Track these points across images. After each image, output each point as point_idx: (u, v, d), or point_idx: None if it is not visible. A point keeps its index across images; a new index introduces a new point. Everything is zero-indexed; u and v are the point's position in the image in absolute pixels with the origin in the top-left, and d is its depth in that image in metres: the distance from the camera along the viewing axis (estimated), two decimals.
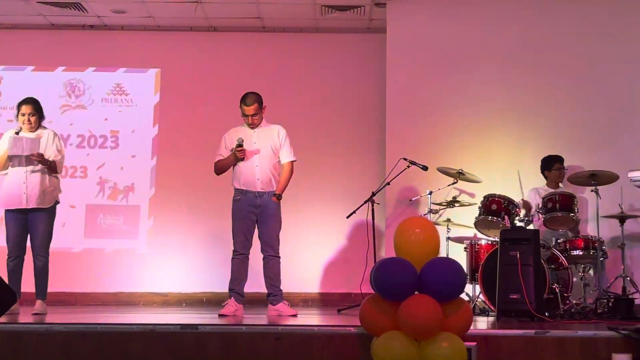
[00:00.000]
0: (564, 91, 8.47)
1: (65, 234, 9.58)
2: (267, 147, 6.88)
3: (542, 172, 8.01)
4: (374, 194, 7.69)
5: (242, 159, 6.77)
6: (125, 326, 5.22)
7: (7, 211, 6.88)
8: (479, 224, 7.55)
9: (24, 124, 6.88)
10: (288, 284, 7.15)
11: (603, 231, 7.56)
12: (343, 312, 7.38)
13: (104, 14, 9.90)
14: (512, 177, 8.30)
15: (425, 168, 7.84)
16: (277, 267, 6.82)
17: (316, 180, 9.54)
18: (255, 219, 6.82)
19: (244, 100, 6.89)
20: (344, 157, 9.98)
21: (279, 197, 6.87)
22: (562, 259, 7.11)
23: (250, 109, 6.85)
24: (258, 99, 6.91)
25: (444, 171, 7.87)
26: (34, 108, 6.94)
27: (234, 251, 6.80)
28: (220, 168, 6.97)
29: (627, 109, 8.18)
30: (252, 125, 6.91)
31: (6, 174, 6.89)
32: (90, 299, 9.54)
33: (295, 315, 6.65)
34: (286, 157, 6.96)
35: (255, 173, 6.82)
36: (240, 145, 6.74)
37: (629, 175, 6.64)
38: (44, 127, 7.05)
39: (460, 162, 8.14)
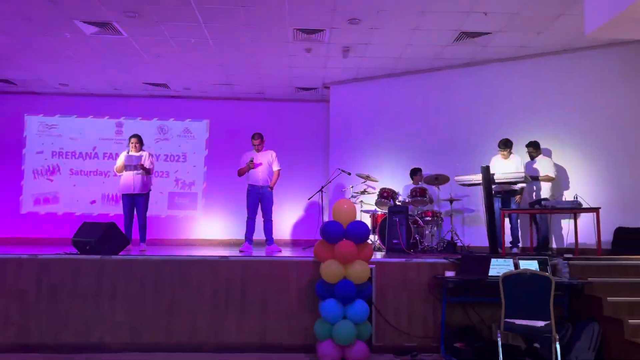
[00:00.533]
0: (424, 132, 8.50)
1: (157, 207, 9.53)
2: (265, 162, 6.82)
3: (411, 177, 8.01)
4: (322, 187, 7.69)
5: (253, 168, 6.72)
6: (188, 257, 5.22)
7: (123, 195, 6.70)
8: (377, 204, 7.56)
9: (132, 148, 6.75)
10: (276, 234, 7.12)
11: (442, 207, 7.68)
12: (306, 249, 7.33)
13: (179, 89, 9.75)
14: (395, 179, 8.30)
15: (349, 173, 7.85)
16: (271, 225, 6.78)
17: (292, 180, 9.53)
18: (259, 199, 6.75)
19: (253, 136, 6.87)
20: (306, 167, 9.93)
21: (271, 188, 6.82)
22: (420, 221, 7.18)
23: (256, 142, 6.82)
24: (261, 135, 6.89)
25: (359, 175, 7.84)
26: (138, 139, 6.82)
27: (247, 216, 6.73)
28: (241, 173, 6.86)
29: (452, 140, 8.27)
30: (258, 150, 6.85)
31: (122, 174, 6.73)
32: (170, 242, 9.44)
33: (280, 251, 6.64)
34: (276, 167, 6.89)
35: (259, 175, 6.75)
36: (252, 161, 6.70)
37: (455, 179, 6.72)
38: (144, 150, 6.89)
39: (368, 170, 8.18)
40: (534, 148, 7.23)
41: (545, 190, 7.05)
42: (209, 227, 9.82)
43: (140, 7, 6.22)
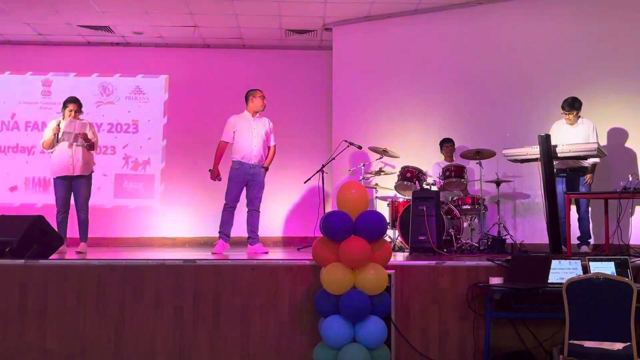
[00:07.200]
0: (459, 90, 8.48)
1: (100, 194, 9.53)
2: (263, 132, 6.78)
3: (441, 150, 8.08)
4: (323, 166, 7.66)
5: (218, 180, 6.69)
6: (142, 261, 5.19)
7: (57, 178, 6.50)
8: (397, 187, 7.61)
9: (70, 116, 6.53)
10: (262, 230, 7.11)
11: (484, 191, 7.68)
12: (301, 250, 7.37)
13: (126, 34, 9.72)
14: (422, 154, 8.32)
15: (359, 147, 7.80)
16: (257, 218, 6.74)
17: (282, 157, 9.43)
18: (247, 183, 6.66)
19: (253, 92, 6.84)
20: (302, 140, 9.94)
21: (266, 169, 6.81)
22: (456, 211, 7.24)
23: (258, 100, 6.78)
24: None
25: (373, 149, 7.87)
26: (79, 106, 6.63)
27: (226, 204, 6.62)
28: (222, 149, 6.73)
29: (500, 105, 8.22)
30: (258, 113, 6.79)
31: (53, 150, 6.53)
32: (118, 242, 9.47)
33: (267, 252, 6.64)
34: (272, 141, 6.91)
35: (252, 150, 6.67)
36: (213, 172, 6.72)
37: (503, 152, 6.71)
38: (82, 119, 6.70)
39: (385, 143, 8.13)
40: None
41: None
42: (171, 222, 9.86)
43: None
